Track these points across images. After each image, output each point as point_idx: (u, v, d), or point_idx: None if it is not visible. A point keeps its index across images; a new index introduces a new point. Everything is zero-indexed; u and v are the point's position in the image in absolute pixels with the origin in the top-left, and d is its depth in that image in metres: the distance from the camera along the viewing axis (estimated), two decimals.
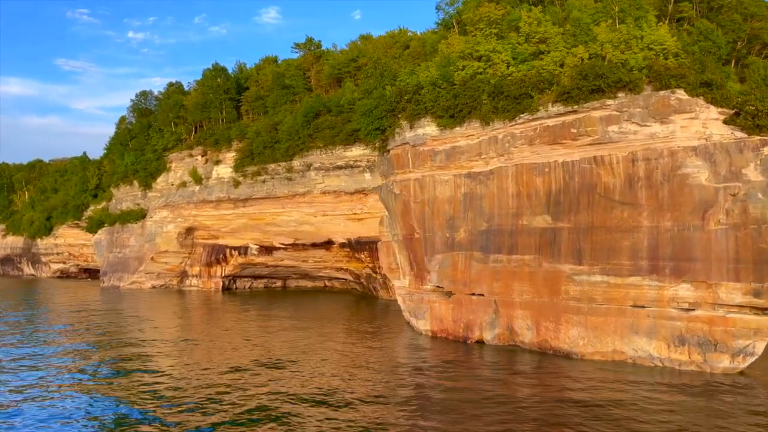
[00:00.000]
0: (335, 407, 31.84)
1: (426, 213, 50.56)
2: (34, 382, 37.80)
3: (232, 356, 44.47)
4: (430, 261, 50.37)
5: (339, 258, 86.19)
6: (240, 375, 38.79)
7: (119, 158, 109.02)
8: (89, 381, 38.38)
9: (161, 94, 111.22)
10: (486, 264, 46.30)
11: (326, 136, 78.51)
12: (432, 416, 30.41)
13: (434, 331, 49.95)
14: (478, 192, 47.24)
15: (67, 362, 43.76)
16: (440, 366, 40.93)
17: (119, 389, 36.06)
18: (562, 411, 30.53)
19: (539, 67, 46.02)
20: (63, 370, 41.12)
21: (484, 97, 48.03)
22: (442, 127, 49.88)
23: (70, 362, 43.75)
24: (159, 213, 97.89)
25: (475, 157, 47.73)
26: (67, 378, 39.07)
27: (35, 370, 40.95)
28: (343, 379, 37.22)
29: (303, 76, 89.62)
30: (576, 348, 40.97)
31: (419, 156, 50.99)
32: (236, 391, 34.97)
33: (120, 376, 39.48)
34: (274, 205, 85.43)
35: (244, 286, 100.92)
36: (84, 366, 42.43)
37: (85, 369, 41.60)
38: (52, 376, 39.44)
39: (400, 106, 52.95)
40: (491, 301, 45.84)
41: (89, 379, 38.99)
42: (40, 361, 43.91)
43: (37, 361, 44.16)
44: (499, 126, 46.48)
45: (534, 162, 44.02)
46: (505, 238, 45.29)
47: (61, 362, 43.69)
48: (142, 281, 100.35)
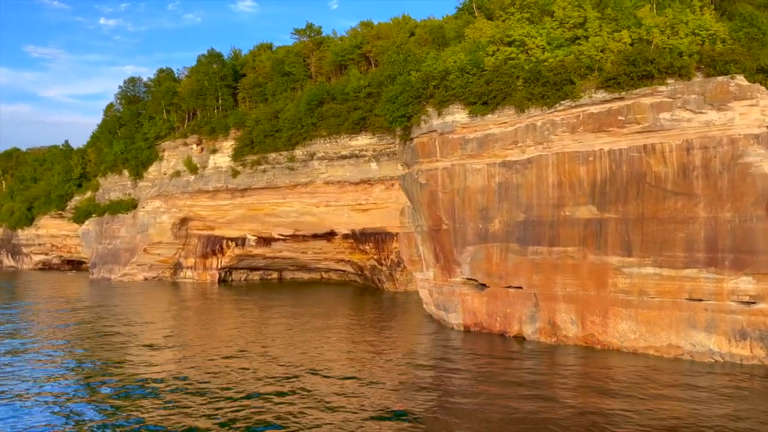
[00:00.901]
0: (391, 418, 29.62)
1: (456, 203, 48.42)
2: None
3: (258, 367, 40.86)
4: (460, 253, 48.28)
5: (341, 249, 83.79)
6: (278, 396, 32.82)
7: (107, 147, 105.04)
8: (85, 391, 35.44)
9: (151, 80, 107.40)
10: (524, 256, 44.35)
11: (331, 125, 76.08)
12: (492, 411, 28.46)
13: (467, 325, 47.92)
14: (514, 181, 45.22)
15: (63, 365, 40.93)
16: (487, 362, 38.86)
17: (141, 409, 33.03)
18: (611, 405, 28.79)
19: (578, 53, 44.11)
20: (55, 372, 38.36)
21: (519, 84, 45.95)
22: (472, 114, 47.66)
23: (65, 366, 40.91)
24: (151, 203, 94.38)
25: (510, 145, 45.66)
26: (63, 380, 36.34)
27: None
28: (388, 387, 34.74)
29: (303, 63, 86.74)
30: (627, 342, 39.26)
31: (448, 144, 48.79)
32: (272, 413, 32.47)
33: (142, 395, 36.34)
34: (274, 196, 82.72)
35: (239, 278, 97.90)
36: (83, 372, 39.38)
37: (83, 375, 38.60)
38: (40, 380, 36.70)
39: (427, 92, 50.56)
40: (530, 294, 43.93)
41: (85, 389, 35.55)
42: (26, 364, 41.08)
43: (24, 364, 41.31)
44: (536, 113, 44.46)
45: (576, 150, 42.09)
46: (546, 230, 43.36)
47: (55, 360, 40.94)
48: (134, 273, 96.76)
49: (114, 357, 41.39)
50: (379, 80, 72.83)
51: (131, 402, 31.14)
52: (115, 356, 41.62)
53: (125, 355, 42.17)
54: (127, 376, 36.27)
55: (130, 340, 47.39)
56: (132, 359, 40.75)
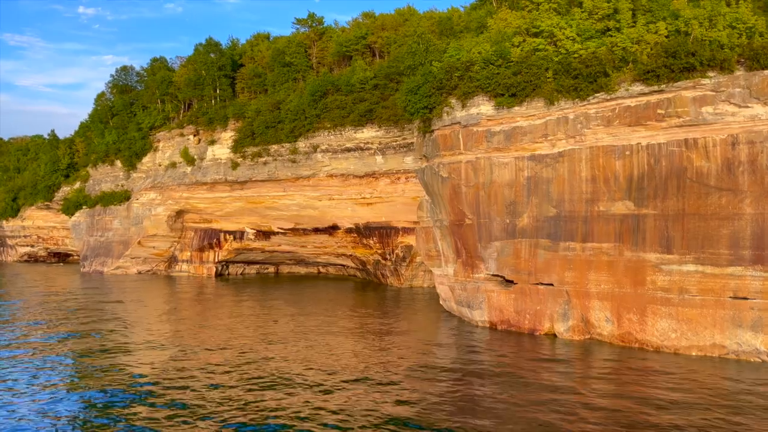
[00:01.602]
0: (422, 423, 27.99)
1: (480, 198, 46.89)
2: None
3: (273, 368, 38.37)
4: (485, 248, 46.79)
5: (343, 244, 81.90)
6: (295, 397, 31.78)
7: (98, 136, 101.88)
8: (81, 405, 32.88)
9: (143, 70, 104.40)
10: (555, 252, 42.98)
11: (335, 117, 74.07)
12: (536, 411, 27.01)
13: (493, 323, 46.47)
14: (544, 176, 43.80)
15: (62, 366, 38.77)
16: (516, 362, 37.33)
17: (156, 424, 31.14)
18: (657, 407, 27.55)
19: (611, 44, 42.77)
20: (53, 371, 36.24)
21: (549, 75, 44.58)
22: (498, 106, 46.12)
23: (63, 366, 38.76)
24: (146, 195, 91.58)
25: (539, 138, 44.21)
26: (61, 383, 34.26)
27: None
28: (410, 389, 32.98)
29: (304, 53, 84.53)
30: (667, 341, 38.07)
31: (472, 137, 47.21)
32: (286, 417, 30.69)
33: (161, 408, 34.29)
34: (275, 188, 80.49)
35: (236, 272, 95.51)
36: (85, 379, 37.19)
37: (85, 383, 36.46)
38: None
39: (451, 83, 48.89)
40: (562, 291, 42.58)
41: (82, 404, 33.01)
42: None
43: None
44: (567, 106, 43.06)
45: (611, 144, 40.76)
46: (578, 225, 42.01)
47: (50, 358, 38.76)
48: (127, 266, 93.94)
49: (122, 358, 39.32)
50: (387, 72, 71.23)
51: (127, 404, 29.26)
52: (124, 358, 39.55)
53: (130, 354, 40.09)
54: (129, 376, 34.27)
55: (132, 340, 45.27)
56: (135, 359, 38.68)
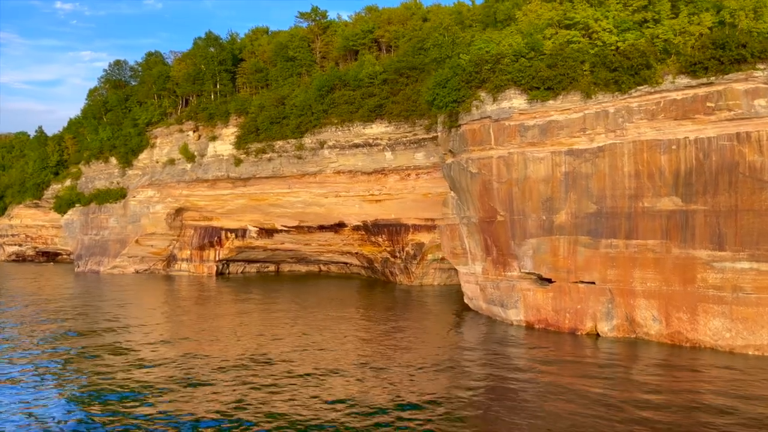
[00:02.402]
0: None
1: (514, 194, 45.16)
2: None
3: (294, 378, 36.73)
4: (519, 246, 45.08)
5: (349, 241, 79.74)
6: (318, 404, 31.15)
7: (92, 133, 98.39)
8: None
9: (138, 64, 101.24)
10: (596, 249, 41.38)
11: (343, 112, 71.98)
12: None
13: (530, 322, 44.76)
14: (583, 171, 42.15)
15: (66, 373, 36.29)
16: (558, 365, 35.70)
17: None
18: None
19: (651, 36, 41.28)
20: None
21: (585, 68, 42.99)
22: (531, 100, 44.42)
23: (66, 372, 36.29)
24: (143, 192, 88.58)
25: (577, 132, 42.57)
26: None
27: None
28: (444, 396, 31.06)
29: (308, 47, 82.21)
30: (721, 340, 36.63)
31: (504, 131, 45.44)
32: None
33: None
34: (279, 185, 78.15)
35: (236, 271, 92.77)
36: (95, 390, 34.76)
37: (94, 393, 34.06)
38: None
39: (480, 76, 47.11)
40: (605, 289, 41.01)
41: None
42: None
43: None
44: (606, 99, 41.47)
45: (656, 139, 39.22)
46: (621, 222, 40.44)
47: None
48: (124, 266, 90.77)
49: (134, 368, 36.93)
50: (397, 66, 69.40)
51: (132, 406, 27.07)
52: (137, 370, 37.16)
53: (140, 360, 37.72)
54: (134, 379, 32.00)
55: (140, 346, 42.84)
56: (144, 362, 36.36)
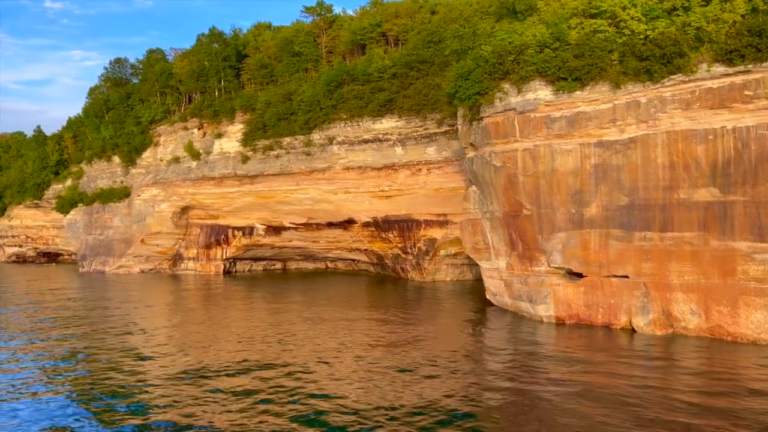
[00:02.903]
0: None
1: (541, 187, 43.93)
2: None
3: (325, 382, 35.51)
4: (547, 240, 43.88)
5: (359, 238, 78.36)
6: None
7: (94, 132, 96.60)
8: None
9: (139, 62, 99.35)
10: (630, 243, 40.22)
11: (352, 107, 70.55)
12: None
13: (560, 318, 43.55)
14: (613, 163, 40.95)
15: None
16: (596, 364, 34.51)
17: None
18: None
19: (682, 24, 40.08)
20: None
21: (614, 58, 41.80)
22: (557, 91, 43.23)
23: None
24: (148, 191, 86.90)
25: (607, 124, 41.36)
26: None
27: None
28: (472, 398, 29.82)
29: (314, 42, 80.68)
30: (764, 334, 35.34)
31: (529, 123, 44.19)
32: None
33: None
34: (287, 182, 76.73)
35: (243, 269, 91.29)
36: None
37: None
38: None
39: (503, 68, 45.86)
40: (639, 283, 39.85)
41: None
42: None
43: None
44: (636, 89, 40.25)
45: (691, 128, 38.04)
46: (656, 214, 39.27)
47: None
48: (130, 265, 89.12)
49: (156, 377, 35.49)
50: (407, 60, 68.02)
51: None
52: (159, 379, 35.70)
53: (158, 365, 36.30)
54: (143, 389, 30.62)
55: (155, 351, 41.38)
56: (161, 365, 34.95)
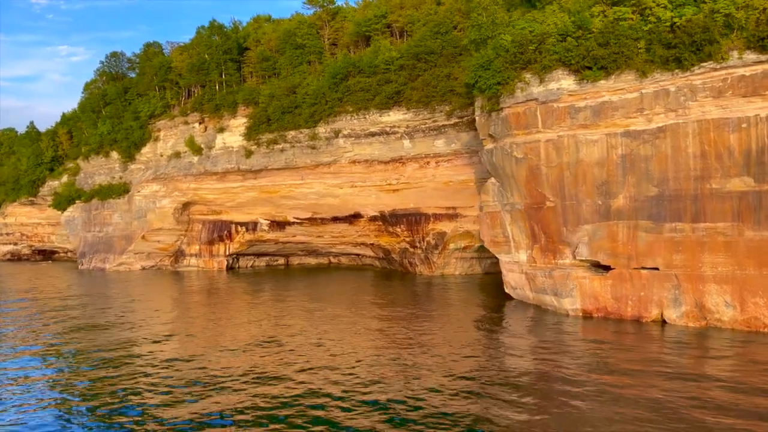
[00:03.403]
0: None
1: (565, 178, 42.91)
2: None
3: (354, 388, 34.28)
4: (572, 232, 42.90)
5: (365, 233, 77.11)
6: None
7: (91, 127, 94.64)
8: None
9: (136, 56, 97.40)
10: (659, 234, 39.29)
11: (359, 100, 69.26)
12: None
13: (587, 311, 42.58)
14: (641, 153, 39.96)
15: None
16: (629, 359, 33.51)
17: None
18: None
19: (710, 11, 39.11)
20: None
21: (640, 45, 40.79)
22: (581, 80, 42.20)
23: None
24: (148, 187, 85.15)
25: (634, 113, 40.35)
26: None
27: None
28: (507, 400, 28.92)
29: (317, 34, 79.18)
30: None
31: (552, 114, 43.13)
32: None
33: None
34: (292, 177, 75.32)
35: (246, 265, 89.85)
36: None
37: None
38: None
39: (524, 57, 44.77)
40: (670, 275, 38.93)
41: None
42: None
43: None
44: (664, 78, 39.26)
45: (723, 117, 37.10)
46: (687, 205, 38.34)
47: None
48: (130, 262, 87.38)
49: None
50: (415, 51, 66.78)
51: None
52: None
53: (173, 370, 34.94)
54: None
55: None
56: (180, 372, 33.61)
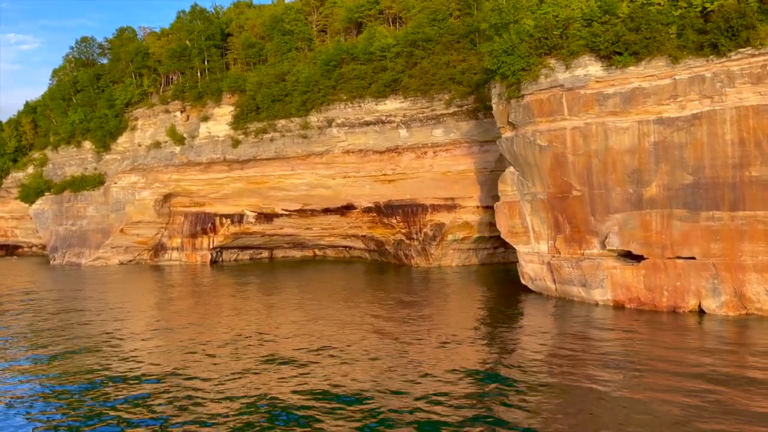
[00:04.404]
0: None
1: (593, 166, 41.72)
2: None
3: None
4: (601, 222, 41.75)
5: (357, 224, 74.97)
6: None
7: (60, 115, 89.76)
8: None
9: (108, 41, 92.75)
10: (696, 223, 38.40)
11: (353, 88, 67.13)
12: None
13: (619, 301, 41.48)
14: (675, 140, 38.99)
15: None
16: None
17: None
18: None
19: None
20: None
21: (672, 31, 39.82)
22: (609, 66, 41.07)
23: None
24: (125, 178, 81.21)
25: (666, 100, 39.31)
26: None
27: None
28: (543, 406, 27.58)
29: (305, 20, 76.50)
30: None
31: (579, 100, 41.85)
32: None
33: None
34: (282, 167, 72.71)
35: (229, 259, 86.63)
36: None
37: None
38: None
39: (549, 42, 43.43)
40: (707, 264, 38.09)
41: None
42: None
43: None
44: (698, 64, 38.32)
45: (762, 104, 36.16)
46: (725, 193, 37.51)
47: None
48: (107, 257, 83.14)
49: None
50: (413, 38, 65.04)
51: None
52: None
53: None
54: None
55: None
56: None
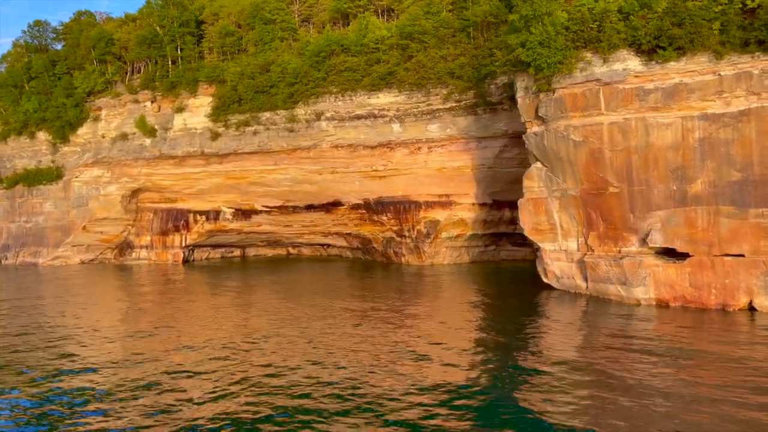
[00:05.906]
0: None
1: (633, 163, 40.59)
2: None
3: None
4: (641, 219, 40.66)
5: (344, 221, 72.00)
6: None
7: (12, 104, 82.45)
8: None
9: (64, 25, 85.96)
10: (744, 220, 37.78)
11: (344, 80, 64.32)
12: None
13: (662, 300, 40.41)
14: (721, 137, 38.31)
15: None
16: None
17: None
18: None
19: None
20: None
21: (715, 26, 39.19)
22: (647, 61, 40.12)
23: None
24: (88, 171, 75.29)
25: (711, 96, 38.61)
26: None
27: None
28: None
29: (287, 9, 72.88)
30: None
31: (617, 95, 40.67)
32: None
33: None
34: (264, 161, 68.99)
35: (201, 257, 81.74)
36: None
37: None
38: None
39: (585, 35, 42.11)
40: (758, 261, 37.44)
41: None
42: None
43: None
44: (743, 60, 37.77)
45: None
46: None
47: None
48: (67, 256, 76.78)
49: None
50: (410, 31, 62.81)
51: None
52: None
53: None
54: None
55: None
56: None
